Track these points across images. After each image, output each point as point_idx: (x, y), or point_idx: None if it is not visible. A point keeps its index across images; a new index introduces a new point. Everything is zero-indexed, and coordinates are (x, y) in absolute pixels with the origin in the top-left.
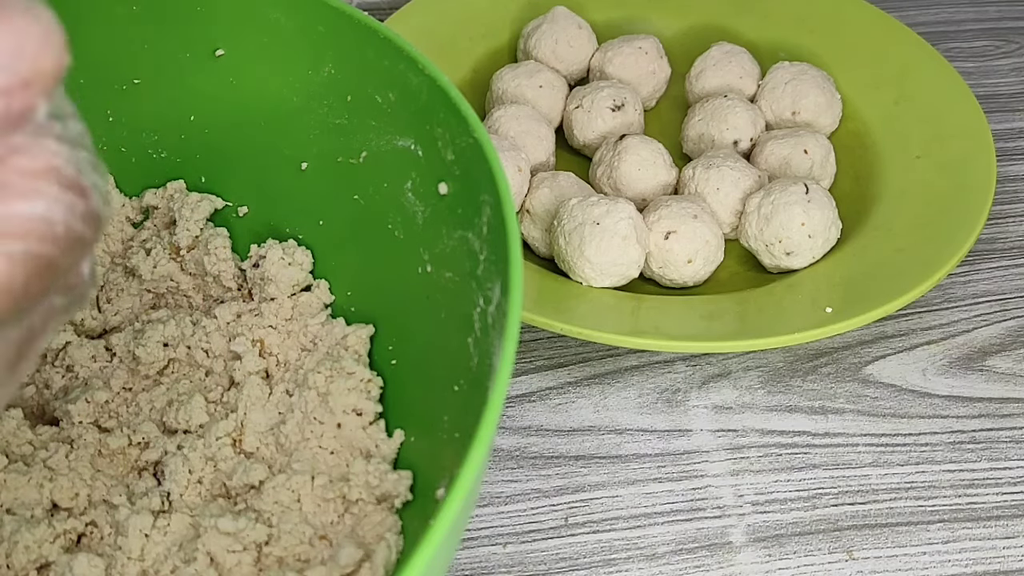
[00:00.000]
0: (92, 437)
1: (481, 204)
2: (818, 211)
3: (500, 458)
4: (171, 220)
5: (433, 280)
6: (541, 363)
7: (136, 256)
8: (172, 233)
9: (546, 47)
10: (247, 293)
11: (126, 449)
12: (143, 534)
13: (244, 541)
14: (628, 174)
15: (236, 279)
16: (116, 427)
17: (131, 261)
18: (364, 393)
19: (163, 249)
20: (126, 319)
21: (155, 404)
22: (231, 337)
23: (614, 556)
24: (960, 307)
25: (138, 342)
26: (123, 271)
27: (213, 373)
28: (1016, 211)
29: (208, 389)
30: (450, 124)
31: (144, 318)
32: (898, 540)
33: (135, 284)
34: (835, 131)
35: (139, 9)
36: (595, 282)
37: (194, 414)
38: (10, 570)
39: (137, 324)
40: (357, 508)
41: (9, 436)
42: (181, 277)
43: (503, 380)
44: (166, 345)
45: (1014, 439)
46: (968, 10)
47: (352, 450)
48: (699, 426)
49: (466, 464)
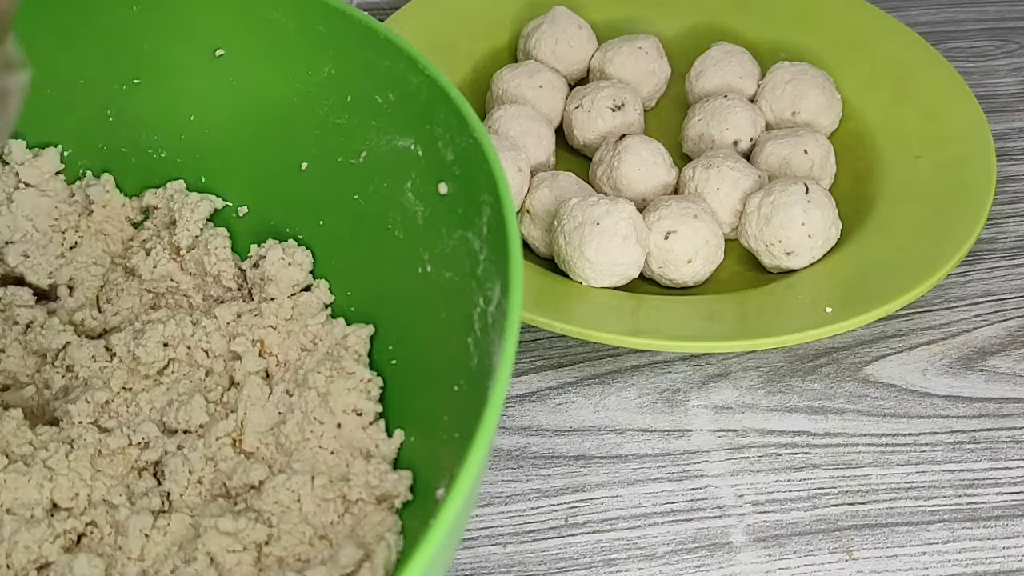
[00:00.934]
0: (92, 437)
1: (481, 204)
2: (818, 211)
3: (500, 458)
4: (171, 220)
5: (433, 280)
6: (541, 363)
7: (136, 256)
8: (172, 233)
9: (546, 47)
10: (247, 293)
11: (126, 449)
12: (143, 534)
13: (244, 541)
14: (628, 174)
15: (236, 279)
16: (116, 427)
17: (131, 261)
18: (364, 393)
19: (163, 249)
20: (126, 319)
21: (155, 404)
22: (231, 337)
23: (614, 556)
24: (960, 307)
25: (138, 342)
26: (123, 271)
27: (213, 373)
28: (1016, 211)
29: (208, 389)
30: (450, 124)
31: (144, 318)
32: (898, 540)
33: (135, 284)
34: (835, 131)
35: (139, 9)
36: (595, 282)
37: (194, 414)
38: (10, 570)
39: (137, 324)
40: (357, 508)
41: (9, 436)
42: (181, 277)
43: (503, 380)
44: (166, 345)
45: (1014, 439)
46: (968, 10)
47: (352, 450)
48: (699, 426)
49: (466, 464)
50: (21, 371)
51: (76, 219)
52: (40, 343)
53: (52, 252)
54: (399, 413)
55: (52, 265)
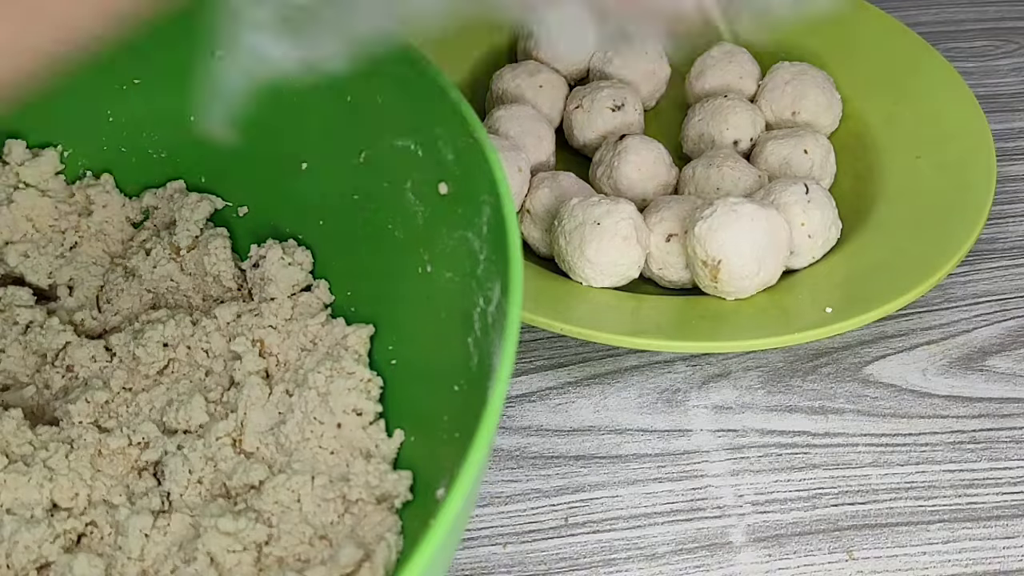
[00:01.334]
0: (92, 437)
1: (481, 204)
2: (818, 211)
3: (500, 458)
4: (171, 220)
5: (433, 280)
6: (541, 363)
7: (136, 256)
8: (172, 233)
9: (546, 47)
10: (247, 293)
11: (126, 449)
12: (143, 534)
13: (244, 541)
14: (628, 174)
15: (236, 279)
16: (116, 427)
17: (131, 261)
18: (364, 393)
19: (163, 249)
20: (126, 319)
21: (155, 404)
22: (231, 337)
23: (614, 556)
24: (960, 307)
25: (138, 342)
26: (123, 271)
27: (213, 373)
28: (1016, 211)
29: (208, 389)
30: (450, 124)
31: (144, 318)
32: (898, 540)
33: (135, 284)
34: (835, 131)
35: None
36: (595, 282)
37: (194, 414)
38: (10, 570)
39: (137, 324)
40: (357, 508)
41: (9, 436)
42: (181, 277)
43: (503, 380)
44: (166, 345)
45: (1014, 439)
46: (968, 10)
47: (352, 450)
48: (699, 426)
49: (466, 464)
50: (21, 371)
51: (76, 219)
52: (40, 343)
53: (52, 252)
54: (399, 413)
55: (52, 265)
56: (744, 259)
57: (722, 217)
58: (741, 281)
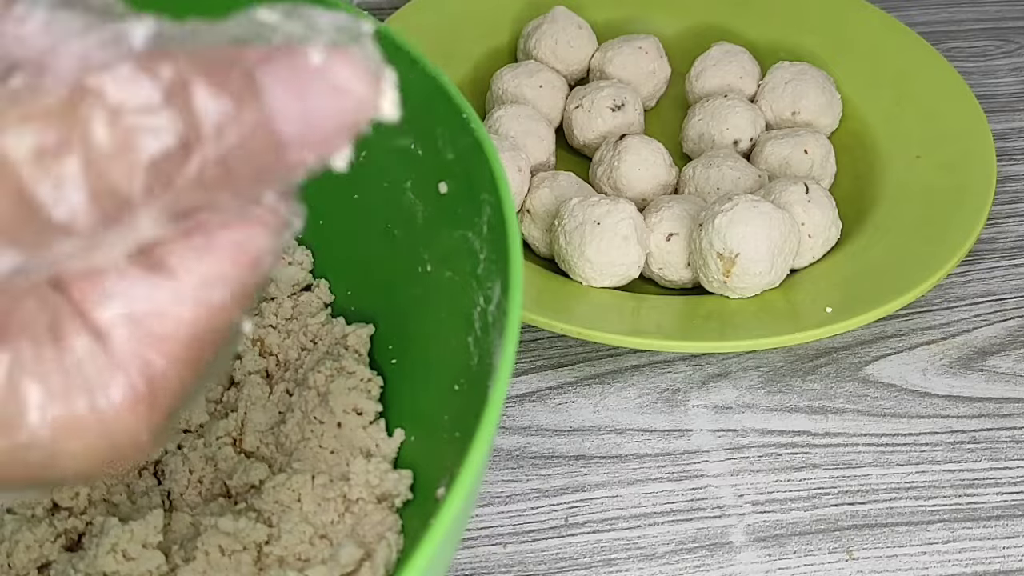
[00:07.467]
0: None
1: (481, 204)
2: (818, 211)
3: (500, 458)
4: None
5: (433, 279)
6: (541, 363)
7: None
8: None
9: (546, 47)
10: None
11: None
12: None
13: (244, 541)
14: (628, 174)
15: None
16: None
17: None
18: (364, 392)
19: None
20: None
21: None
22: None
23: (614, 556)
24: (960, 307)
25: None
26: None
27: None
28: (1016, 211)
29: (208, 388)
30: (450, 124)
31: None
32: (898, 540)
33: None
34: (835, 131)
35: (139, 9)
36: (595, 282)
37: (194, 414)
38: (11, 569)
39: None
40: (357, 507)
41: None
42: None
43: (503, 380)
44: None
45: (1014, 439)
46: (968, 10)
47: (352, 449)
48: (699, 426)
49: (466, 463)
50: None
51: None
52: None
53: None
54: (399, 412)
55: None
56: (760, 254)
57: (743, 212)
58: (753, 278)
